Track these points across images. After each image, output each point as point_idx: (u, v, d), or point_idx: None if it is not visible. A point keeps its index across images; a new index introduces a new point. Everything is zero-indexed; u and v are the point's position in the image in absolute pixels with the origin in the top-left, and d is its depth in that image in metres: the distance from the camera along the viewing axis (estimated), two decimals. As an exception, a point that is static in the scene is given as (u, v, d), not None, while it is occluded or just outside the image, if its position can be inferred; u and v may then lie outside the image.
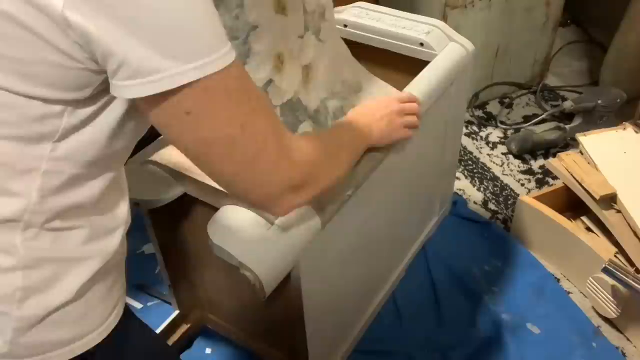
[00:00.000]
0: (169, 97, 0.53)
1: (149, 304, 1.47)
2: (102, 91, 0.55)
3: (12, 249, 0.57)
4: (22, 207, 0.56)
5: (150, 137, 0.93)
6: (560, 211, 1.52)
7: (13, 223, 0.57)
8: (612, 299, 1.35)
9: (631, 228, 1.38)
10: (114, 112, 0.58)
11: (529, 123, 2.01)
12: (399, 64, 1.34)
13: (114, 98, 0.57)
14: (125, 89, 0.52)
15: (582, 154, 1.57)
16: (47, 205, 0.57)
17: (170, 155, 0.99)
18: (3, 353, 0.59)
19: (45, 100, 0.53)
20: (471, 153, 1.96)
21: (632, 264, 1.36)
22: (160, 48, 0.50)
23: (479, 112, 2.13)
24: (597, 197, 1.42)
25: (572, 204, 1.57)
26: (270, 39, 0.99)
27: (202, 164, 0.62)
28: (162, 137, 1.02)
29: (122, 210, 0.67)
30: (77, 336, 0.63)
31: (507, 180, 1.85)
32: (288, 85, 1.05)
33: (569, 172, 1.52)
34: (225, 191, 0.68)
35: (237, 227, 0.88)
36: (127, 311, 0.71)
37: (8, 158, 0.55)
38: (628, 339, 1.39)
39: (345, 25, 1.37)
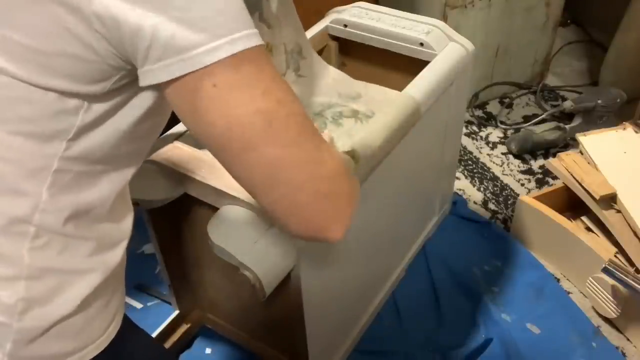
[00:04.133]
0: (199, 74, 0.50)
1: (149, 304, 1.47)
2: (117, 89, 0.55)
3: (18, 257, 0.56)
4: (31, 207, 0.56)
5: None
6: (560, 211, 1.52)
7: (24, 227, 0.56)
8: (612, 299, 1.35)
9: (631, 228, 1.38)
10: (129, 113, 0.57)
11: (529, 123, 2.01)
12: (399, 64, 1.34)
13: (129, 97, 0.56)
14: (156, 73, 0.50)
15: (582, 154, 1.57)
16: (58, 203, 0.57)
17: (170, 155, 0.99)
18: None
19: (62, 93, 0.53)
20: (471, 153, 1.96)
21: (632, 264, 1.36)
22: (189, 22, 0.48)
23: (479, 112, 2.13)
24: (597, 197, 1.42)
25: (572, 204, 1.57)
26: None
27: (235, 155, 0.53)
28: (162, 136, 1.02)
29: (128, 223, 0.67)
30: (76, 348, 0.61)
31: (507, 180, 1.85)
32: None
33: (569, 172, 1.52)
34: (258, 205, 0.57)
35: (237, 227, 0.88)
36: (125, 318, 0.71)
37: (21, 155, 0.54)
38: (628, 339, 1.39)
39: (345, 25, 1.37)
